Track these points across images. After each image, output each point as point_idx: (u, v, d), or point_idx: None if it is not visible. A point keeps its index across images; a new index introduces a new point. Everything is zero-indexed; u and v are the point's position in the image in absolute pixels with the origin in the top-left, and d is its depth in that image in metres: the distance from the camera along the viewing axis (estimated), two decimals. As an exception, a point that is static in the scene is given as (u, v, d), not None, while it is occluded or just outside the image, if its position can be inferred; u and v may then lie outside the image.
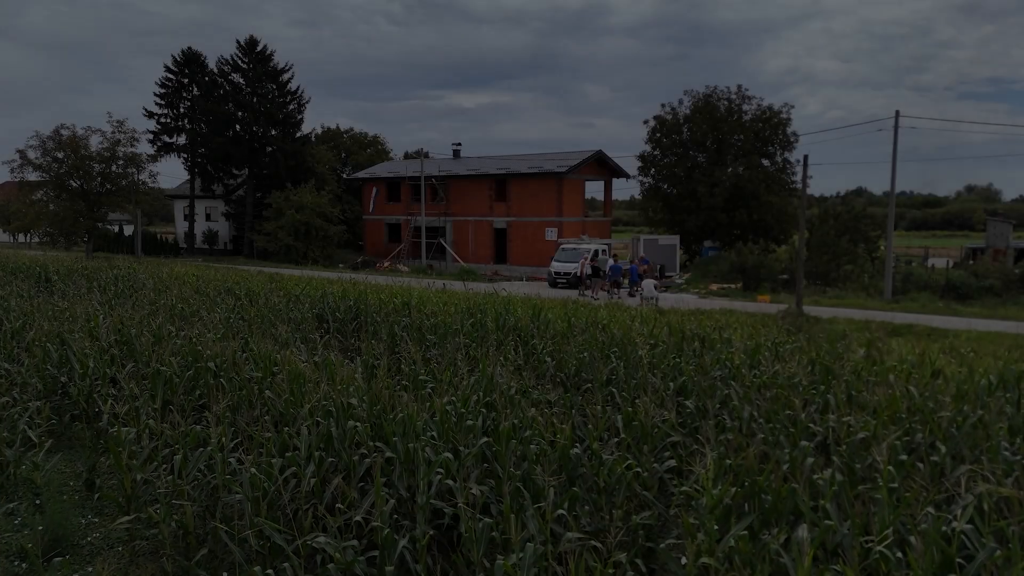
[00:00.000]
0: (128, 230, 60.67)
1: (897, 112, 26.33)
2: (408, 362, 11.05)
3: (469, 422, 7.85)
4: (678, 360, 11.02)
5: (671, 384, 10.37)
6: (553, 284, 32.66)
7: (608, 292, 27.96)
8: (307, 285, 23.02)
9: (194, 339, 12.33)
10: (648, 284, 25.29)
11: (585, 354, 11.82)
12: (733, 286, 32.21)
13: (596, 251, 32.87)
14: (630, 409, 8.54)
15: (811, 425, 7.69)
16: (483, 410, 8.77)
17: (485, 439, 7.68)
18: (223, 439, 7.48)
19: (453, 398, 8.60)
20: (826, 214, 34.01)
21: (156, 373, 9.77)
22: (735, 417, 8.69)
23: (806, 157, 21.26)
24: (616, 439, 8.03)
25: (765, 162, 41.03)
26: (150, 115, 53.12)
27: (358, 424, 7.73)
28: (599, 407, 9.20)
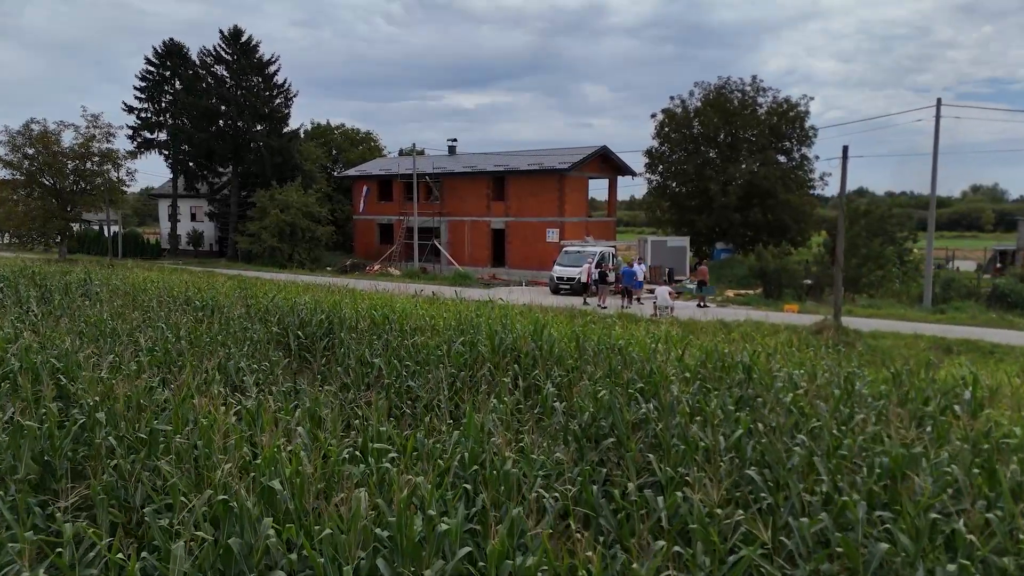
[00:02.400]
0: (114, 230, 58.07)
1: (939, 100, 23.77)
2: (374, 405, 8.39)
3: (443, 525, 5.19)
4: (731, 408, 8.37)
5: (721, 438, 7.73)
6: (555, 290, 29.96)
7: (622, 301, 25.30)
8: (278, 293, 20.37)
9: (107, 372, 9.70)
10: (662, 292, 22.66)
11: (603, 393, 9.17)
12: (752, 292, 29.56)
13: (604, 254, 30.16)
14: (680, 495, 5.91)
15: (968, 535, 5.03)
16: (467, 487, 6.17)
17: (467, 548, 5.09)
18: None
19: (421, 477, 5.93)
20: (855, 213, 31.33)
21: (18, 429, 7.13)
22: (828, 502, 6.10)
23: (846, 148, 18.66)
24: (660, 542, 5.39)
25: (781, 158, 38.38)
26: (130, 110, 50.46)
27: (273, 533, 5.09)
28: (632, 483, 6.56)
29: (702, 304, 25.27)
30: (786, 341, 15.04)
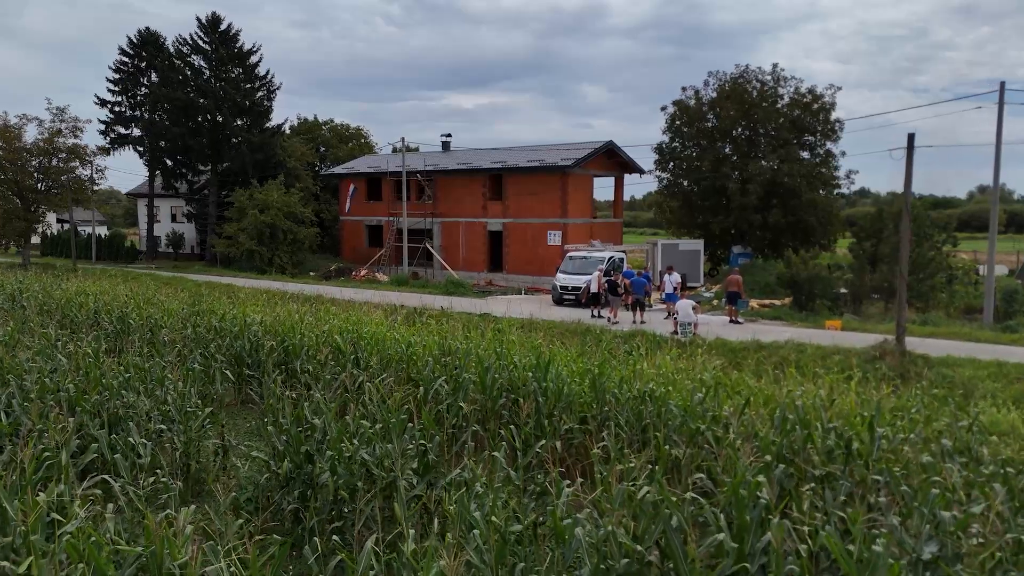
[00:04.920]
0: (98, 232, 54.84)
1: (1002, 84, 20.63)
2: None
3: None
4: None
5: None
6: (559, 301, 26.69)
7: (634, 315, 22.03)
8: (233, 308, 17.15)
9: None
10: (685, 306, 19.45)
11: (647, 492, 5.99)
12: (779, 303, 26.32)
13: (614, 260, 26.87)
14: None
15: None
16: None
17: None
18: None
19: None
20: (897, 214, 27.90)
21: None
22: None
23: (911, 137, 15.45)
24: None
25: (804, 154, 35.14)
26: (103, 103, 47.21)
27: None
28: None
29: (735, 320, 22.03)
30: (846, 369, 11.73)
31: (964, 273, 29.48)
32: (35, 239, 54.38)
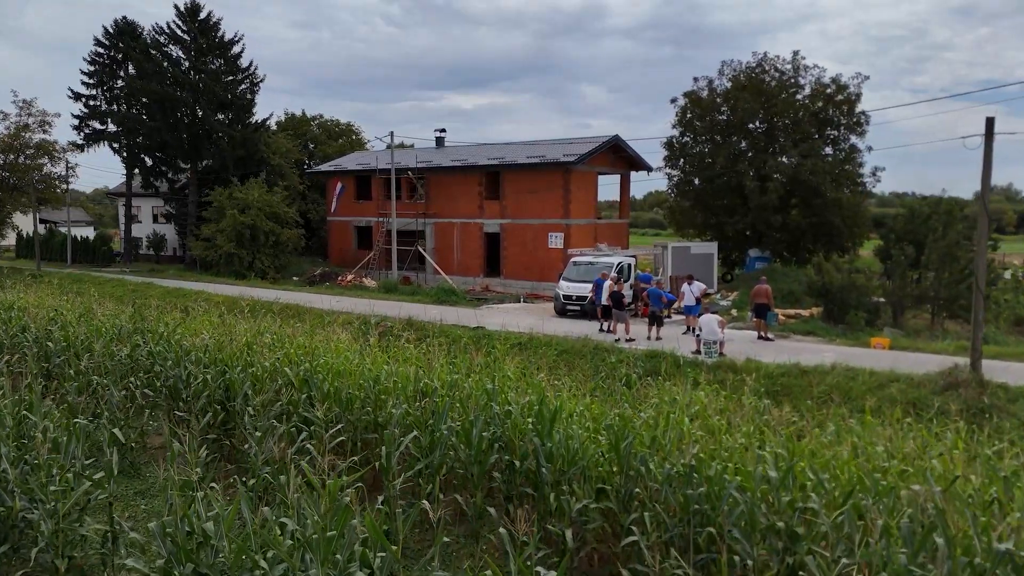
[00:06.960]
0: (83, 233, 52.17)
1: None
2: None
3: None
4: None
5: None
6: (562, 311, 23.98)
7: (649, 330, 19.34)
8: (179, 326, 14.44)
9: None
10: (709, 321, 16.78)
11: None
12: (807, 313, 23.63)
13: (623, 266, 24.19)
14: None
15: None
16: None
17: None
18: None
19: None
20: (949, 216, 25.22)
21: None
22: None
23: (991, 121, 12.83)
24: None
25: (827, 149, 32.40)
26: (76, 97, 44.39)
27: None
28: None
29: (764, 336, 19.36)
30: (915, 404, 9.03)
31: (1017, 281, 26.76)
32: (11, 240, 51.71)
